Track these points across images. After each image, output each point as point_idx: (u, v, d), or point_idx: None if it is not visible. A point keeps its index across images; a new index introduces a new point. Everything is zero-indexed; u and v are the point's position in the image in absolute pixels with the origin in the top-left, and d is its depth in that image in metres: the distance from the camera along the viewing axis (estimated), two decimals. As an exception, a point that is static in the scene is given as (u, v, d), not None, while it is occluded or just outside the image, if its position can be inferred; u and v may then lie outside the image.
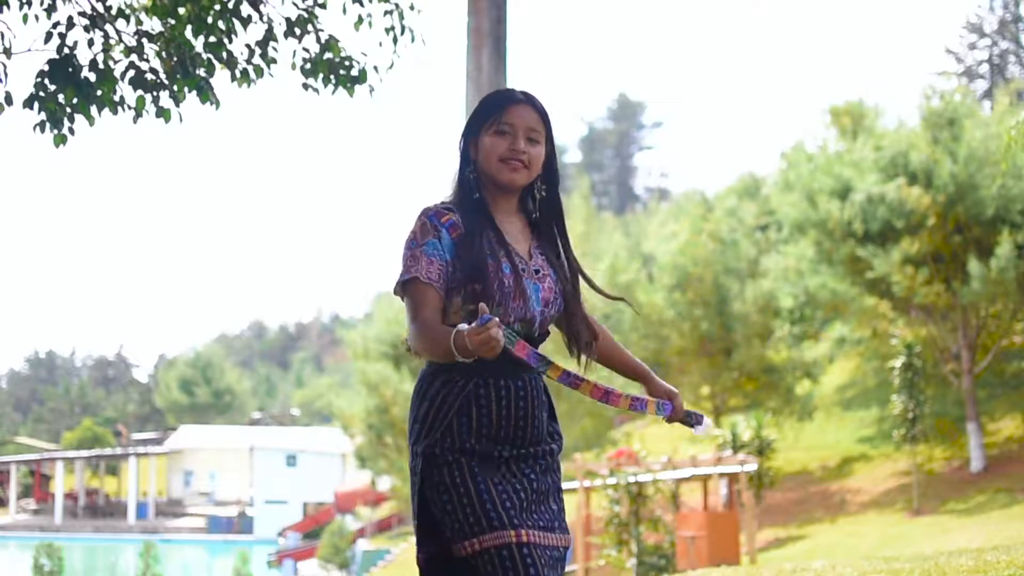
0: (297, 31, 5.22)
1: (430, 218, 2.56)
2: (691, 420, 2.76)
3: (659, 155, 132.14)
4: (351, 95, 5.39)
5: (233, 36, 5.02)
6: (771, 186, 33.80)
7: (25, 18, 4.63)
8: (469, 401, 2.52)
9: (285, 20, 5.20)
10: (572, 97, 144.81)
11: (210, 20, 4.92)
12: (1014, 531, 16.39)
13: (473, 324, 2.27)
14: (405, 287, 2.52)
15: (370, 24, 5.54)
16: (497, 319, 2.27)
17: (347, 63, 5.35)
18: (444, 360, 2.42)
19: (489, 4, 7.12)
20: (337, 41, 5.33)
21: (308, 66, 5.30)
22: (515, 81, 2.90)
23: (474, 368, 2.49)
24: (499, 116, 2.60)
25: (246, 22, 5.05)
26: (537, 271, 2.61)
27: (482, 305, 2.30)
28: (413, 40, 5.67)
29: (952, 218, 22.23)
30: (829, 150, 25.51)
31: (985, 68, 43.36)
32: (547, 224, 2.70)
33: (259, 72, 5.13)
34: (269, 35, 5.16)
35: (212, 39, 4.96)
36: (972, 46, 43.83)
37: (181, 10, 4.89)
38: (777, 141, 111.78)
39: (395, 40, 5.61)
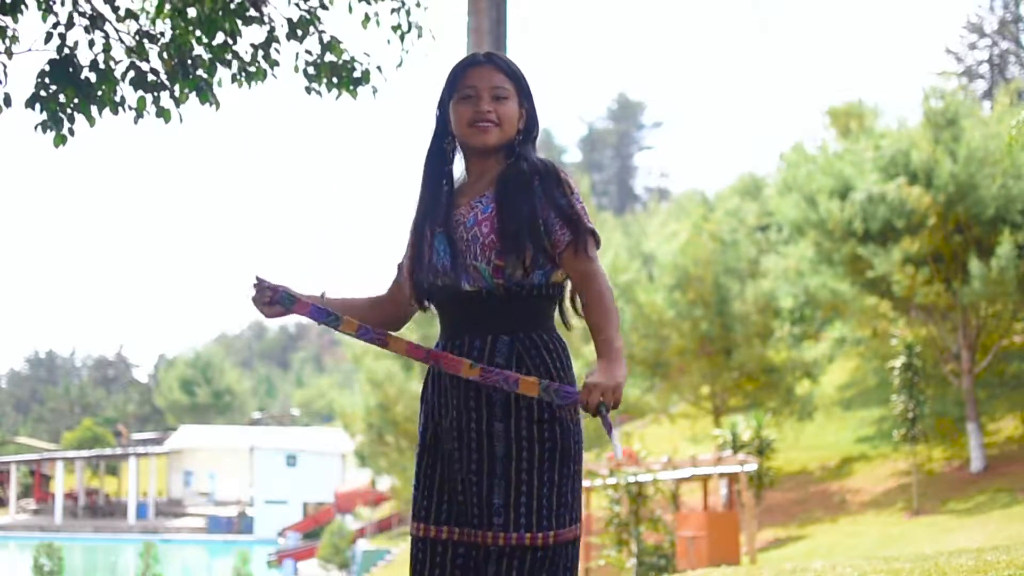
0: (299, 32, 5.21)
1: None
2: (604, 422, 2.40)
3: (659, 155, 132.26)
4: (354, 97, 5.38)
5: (238, 37, 5.02)
6: (771, 186, 33.80)
7: (16, 16, 4.61)
8: (427, 374, 2.63)
9: (287, 21, 5.19)
10: (572, 97, 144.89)
11: (217, 20, 4.92)
12: (1014, 531, 16.40)
13: None
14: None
15: (377, 23, 5.54)
16: (260, 282, 2.60)
17: (350, 65, 5.34)
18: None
19: (489, 4, 7.12)
20: (339, 42, 5.33)
21: (311, 70, 5.30)
22: None
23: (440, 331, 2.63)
24: (462, 81, 2.58)
25: (249, 21, 5.05)
26: (456, 220, 2.52)
27: (256, 275, 2.60)
28: (420, 36, 5.67)
29: (952, 218, 22.23)
30: (828, 150, 25.51)
31: (985, 68, 43.36)
32: (514, 169, 2.54)
33: (262, 75, 5.12)
34: (271, 37, 5.16)
35: (218, 41, 4.96)
36: (972, 46, 43.81)
37: (191, 11, 4.90)
38: (777, 141, 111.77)
39: (402, 38, 5.61)
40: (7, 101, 4.48)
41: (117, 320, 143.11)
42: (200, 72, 4.87)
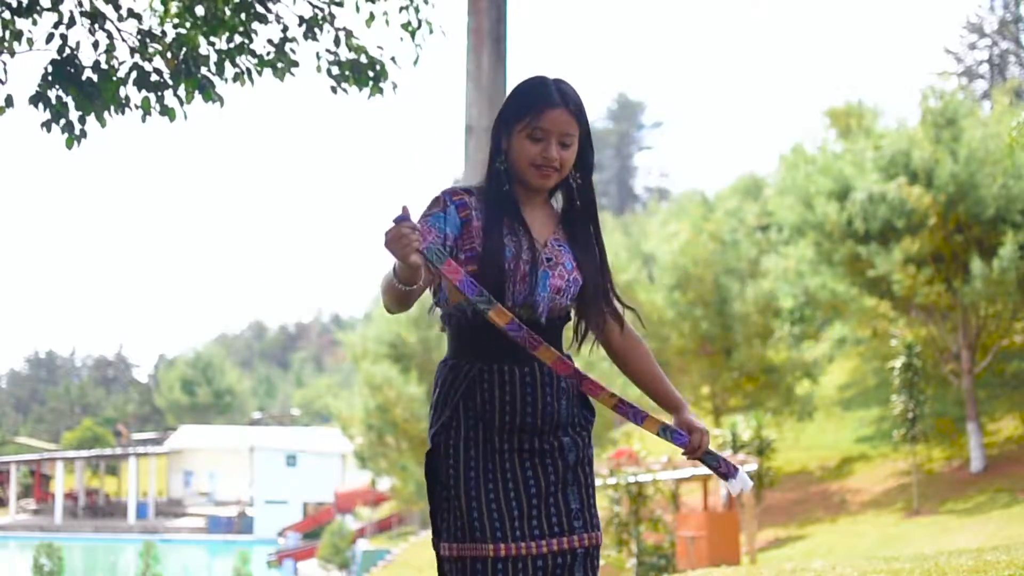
0: (316, 31, 5.22)
1: (444, 194, 2.58)
2: (719, 467, 2.60)
3: (659, 155, 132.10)
4: (381, 94, 5.39)
5: (253, 35, 5.03)
6: (771, 187, 33.81)
7: (35, 20, 4.62)
8: (473, 386, 2.51)
9: (299, 19, 5.20)
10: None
11: (227, 18, 4.92)
12: (1014, 531, 16.40)
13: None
14: None
15: (387, 22, 5.55)
16: (414, 222, 2.25)
17: (374, 64, 5.35)
18: (394, 299, 2.40)
19: (489, 4, 7.13)
20: (356, 39, 5.34)
21: (335, 69, 5.30)
22: (515, 81, 2.85)
23: (479, 353, 2.51)
24: (534, 120, 2.56)
25: (261, 19, 5.06)
26: (549, 259, 2.58)
27: (404, 205, 2.27)
28: (431, 32, 5.68)
29: (953, 217, 22.23)
30: (828, 151, 25.50)
31: (985, 68, 43.35)
32: (580, 214, 2.67)
33: (281, 73, 5.14)
34: (285, 38, 5.17)
35: (232, 41, 4.98)
36: (972, 46, 43.80)
37: (199, 9, 4.90)
38: (777, 142, 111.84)
39: (413, 35, 5.61)
40: (9, 101, 4.48)
41: (117, 320, 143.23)
42: (204, 70, 4.87)
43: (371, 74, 5.35)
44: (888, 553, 11.55)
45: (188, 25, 4.92)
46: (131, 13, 4.80)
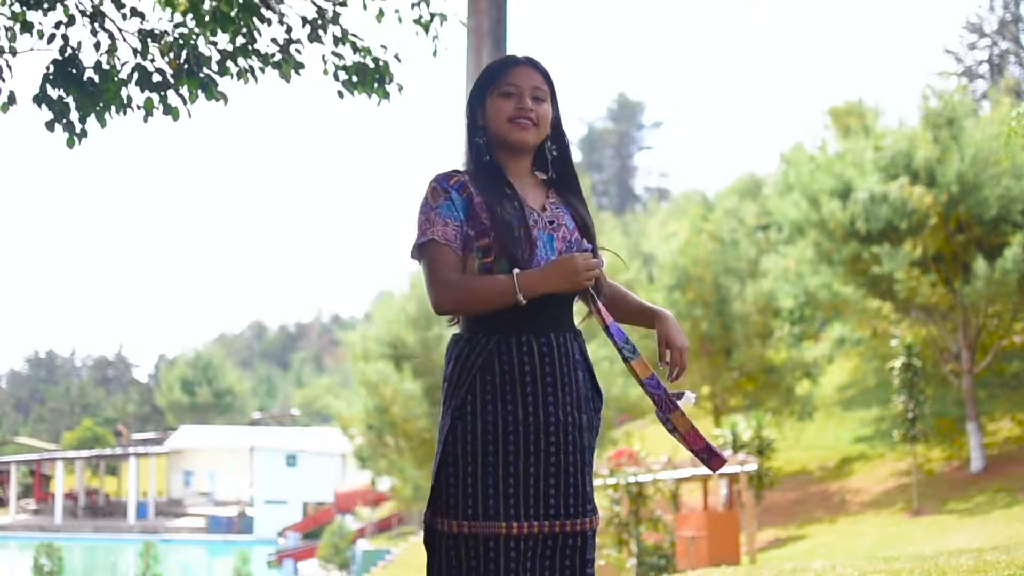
0: (321, 33, 5.22)
1: (439, 182, 2.59)
2: (660, 397, 2.66)
3: (659, 155, 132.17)
4: (387, 99, 5.39)
5: (256, 34, 5.04)
6: (771, 186, 33.81)
7: (45, 12, 4.61)
8: (491, 358, 2.51)
9: (302, 20, 5.20)
10: (572, 97, 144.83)
11: (233, 15, 4.92)
12: (1014, 531, 16.40)
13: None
14: (422, 250, 2.55)
15: (399, 19, 5.56)
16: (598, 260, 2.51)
17: (379, 67, 5.35)
18: (487, 309, 2.50)
19: (489, 4, 7.12)
20: (360, 39, 5.34)
21: (342, 73, 5.31)
22: None
23: (495, 325, 2.52)
24: (503, 78, 2.64)
25: (265, 19, 5.06)
26: (551, 222, 2.61)
27: (591, 246, 2.58)
28: (445, 21, 5.70)
29: (954, 218, 22.23)
30: (829, 150, 25.50)
31: (985, 68, 43.35)
32: (562, 182, 2.72)
33: (287, 75, 5.15)
34: (289, 40, 5.17)
35: (238, 40, 4.98)
36: (972, 46, 43.81)
37: (205, 5, 4.90)
38: (777, 141, 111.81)
39: (426, 28, 5.62)
40: (12, 99, 4.48)
41: (117, 320, 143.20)
42: (206, 69, 4.87)
43: (377, 78, 5.35)
44: (888, 553, 11.56)
45: (195, 23, 4.92)
46: (134, 12, 4.80)
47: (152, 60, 4.76)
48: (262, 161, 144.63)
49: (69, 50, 4.57)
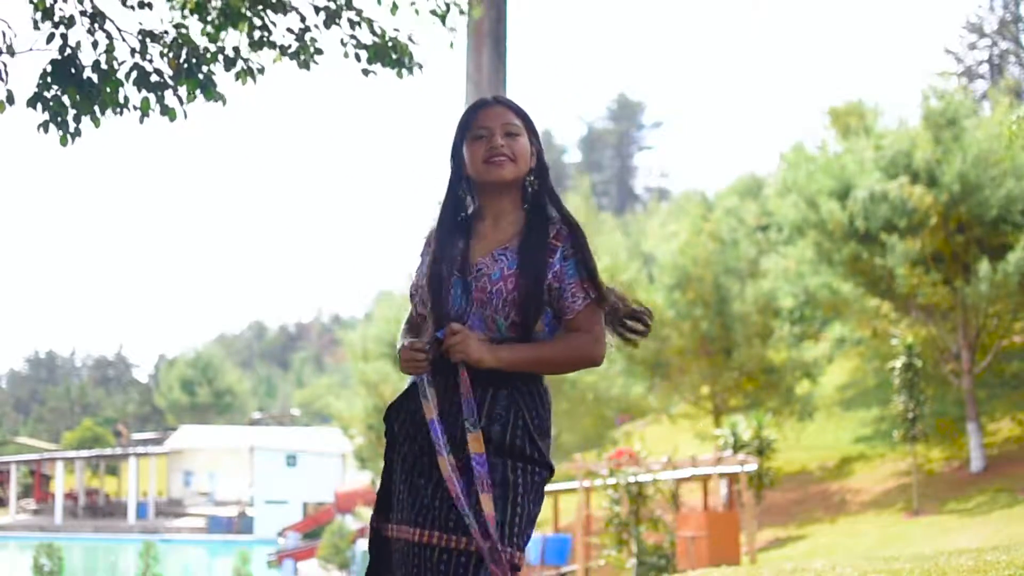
0: (337, 20, 5.24)
1: (428, 234, 2.76)
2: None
3: (659, 155, 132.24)
4: (408, 73, 5.41)
5: (272, 27, 5.05)
6: (771, 186, 33.80)
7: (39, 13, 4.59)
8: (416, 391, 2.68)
9: (315, 8, 5.21)
10: (572, 97, 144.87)
11: (243, 11, 4.92)
12: (1014, 531, 16.39)
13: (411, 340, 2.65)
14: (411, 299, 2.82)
15: (416, 11, 5.57)
16: (416, 342, 2.59)
17: (397, 46, 5.36)
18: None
19: (489, 4, 7.13)
20: (373, 21, 5.34)
21: (362, 53, 5.32)
22: (515, 81, 2.95)
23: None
24: (474, 122, 2.66)
25: (282, 9, 5.07)
26: (479, 269, 2.59)
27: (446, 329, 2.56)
28: (462, 13, 5.70)
29: (954, 218, 22.23)
30: (829, 151, 25.49)
31: (985, 68, 43.35)
32: (535, 219, 2.66)
33: (306, 63, 5.16)
34: (305, 27, 5.18)
35: (251, 35, 4.99)
36: (972, 46, 43.82)
37: (214, 2, 4.91)
38: (777, 141, 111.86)
39: (443, 19, 5.62)
40: (10, 99, 4.47)
41: (117, 320, 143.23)
42: (206, 68, 4.86)
43: (395, 56, 5.36)
44: (888, 553, 11.55)
45: (201, 20, 4.93)
46: (141, 4, 4.80)
47: (151, 60, 4.75)
48: (262, 161, 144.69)
49: (68, 50, 4.56)
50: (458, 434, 2.53)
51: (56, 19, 4.59)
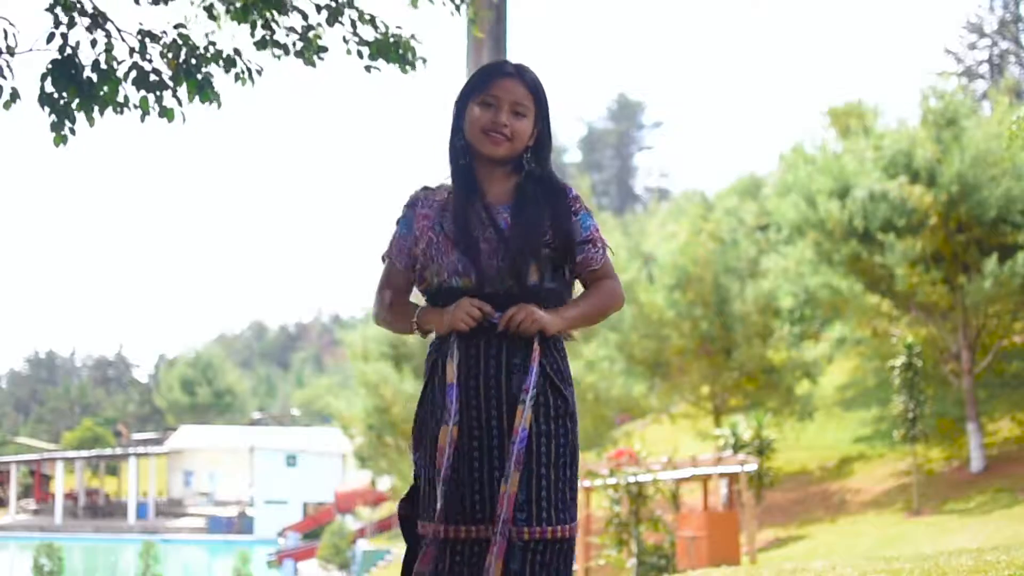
0: (339, 18, 5.24)
1: (410, 196, 2.72)
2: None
3: (659, 155, 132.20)
4: (411, 68, 5.41)
5: (275, 25, 5.06)
6: (771, 186, 33.80)
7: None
8: (440, 361, 2.59)
9: (316, 7, 5.22)
10: (572, 97, 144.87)
11: (249, 8, 4.93)
12: (1014, 531, 16.39)
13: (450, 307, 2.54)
14: (382, 261, 2.75)
15: (431, 1, 5.58)
16: (486, 305, 2.51)
17: (400, 41, 5.37)
18: (400, 331, 2.71)
19: (489, 4, 7.12)
20: (375, 17, 5.35)
21: (365, 49, 5.32)
22: None
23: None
24: (486, 88, 2.62)
25: (283, 8, 5.08)
26: (485, 223, 2.60)
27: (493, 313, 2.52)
28: (472, 4, 5.72)
29: (954, 217, 22.23)
30: (828, 150, 25.49)
31: (985, 68, 43.34)
32: (531, 182, 2.66)
33: (311, 59, 5.17)
34: (308, 25, 5.19)
35: (257, 33, 5.00)
36: (972, 46, 43.81)
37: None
38: (777, 141, 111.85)
39: (457, 7, 5.63)
40: (15, 96, 4.48)
41: (117, 320, 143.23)
42: (205, 68, 4.86)
43: (399, 52, 5.36)
44: (888, 553, 11.55)
45: (217, 14, 4.94)
46: (155, 1, 4.81)
47: (150, 60, 4.75)
48: (262, 161, 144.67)
49: (68, 50, 4.56)
50: (475, 403, 2.51)
51: (58, 18, 4.59)
